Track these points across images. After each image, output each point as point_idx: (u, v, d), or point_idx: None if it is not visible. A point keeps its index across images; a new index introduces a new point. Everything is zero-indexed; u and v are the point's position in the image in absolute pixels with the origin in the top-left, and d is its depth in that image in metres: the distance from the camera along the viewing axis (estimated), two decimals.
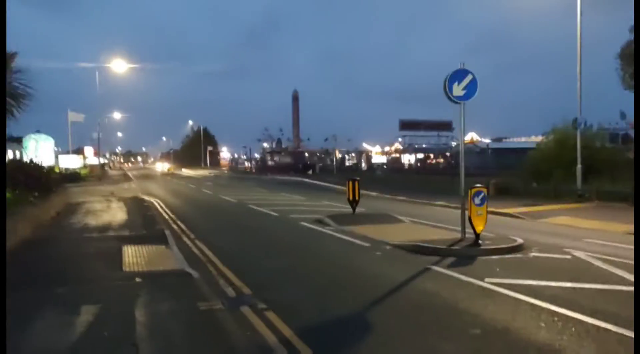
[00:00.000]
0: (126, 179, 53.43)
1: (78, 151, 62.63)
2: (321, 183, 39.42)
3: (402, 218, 15.52)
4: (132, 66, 45.90)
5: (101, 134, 63.47)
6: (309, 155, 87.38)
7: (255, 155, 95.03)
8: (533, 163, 26.08)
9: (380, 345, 5.39)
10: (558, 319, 5.98)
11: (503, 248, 10.20)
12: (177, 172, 78.85)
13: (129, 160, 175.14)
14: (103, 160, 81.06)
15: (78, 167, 53.09)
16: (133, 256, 10.31)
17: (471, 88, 10.87)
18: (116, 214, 18.53)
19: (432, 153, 71.38)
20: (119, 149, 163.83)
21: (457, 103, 10.96)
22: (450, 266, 8.99)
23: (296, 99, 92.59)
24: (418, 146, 69.59)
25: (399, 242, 11.12)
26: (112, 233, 13.73)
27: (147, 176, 60.53)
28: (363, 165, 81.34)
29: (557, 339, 5.34)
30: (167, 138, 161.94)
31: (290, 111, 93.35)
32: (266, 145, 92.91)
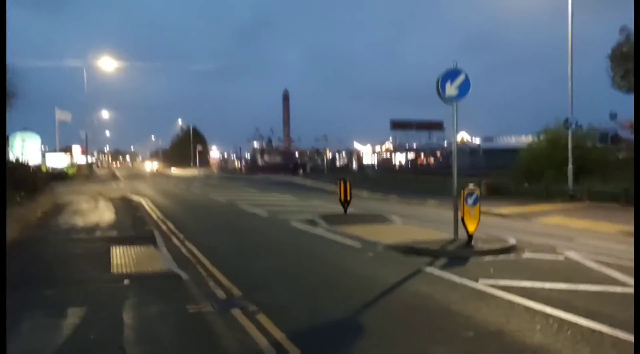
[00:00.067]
0: (114, 178, 53.14)
1: (65, 150, 62.00)
2: (312, 183, 39.32)
3: (394, 218, 15.46)
4: (120, 64, 45.57)
5: (89, 133, 63.02)
6: (300, 155, 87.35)
7: (245, 154, 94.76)
8: (524, 163, 26.16)
9: (372, 347, 5.31)
10: (553, 321, 5.91)
11: (496, 249, 10.15)
12: (166, 171, 78.44)
13: (117, 159, 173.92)
14: (91, 159, 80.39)
15: (65, 166, 52.63)
16: (121, 257, 10.17)
17: (464, 87, 10.80)
18: (104, 214, 18.32)
19: (423, 153, 71.57)
20: (107, 148, 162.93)
21: (450, 103, 10.89)
22: (443, 267, 8.92)
23: (287, 99, 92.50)
24: (409, 146, 69.80)
25: (391, 243, 11.03)
26: (100, 234, 13.56)
27: (136, 176, 60.14)
28: (354, 165, 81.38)
29: (553, 342, 5.27)
30: (156, 137, 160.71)
31: (280, 111, 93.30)
32: (256, 144, 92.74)
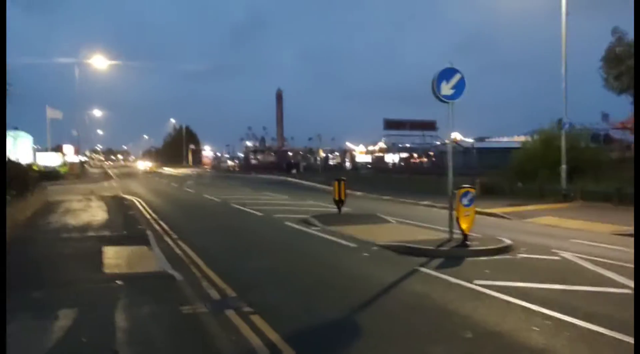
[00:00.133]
0: (107, 177, 52.85)
1: (57, 149, 61.56)
2: (305, 182, 39.26)
3: (389, 218, 15.40)
4: (113, 63, 45.16)
5: (81, 132, 62.66)
6: (293, 154, 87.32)
7: (238, 154, 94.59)
8: (518, 163, 26.25)
9: (370, 348, 5.25)
10: (550, 322, 5.86)
11: (491, 249, 10.11)
12: (159, 170, 78.09)
13: (110, 158, 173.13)
14: (83, 158, 79.90)
15: (57, 165, 52.17)
16: (113, 258, 10.04)
17: (459, 87, 10.77)
18: (96, 213, 18.15)
19: (416, 153, 71.68)
20: (99, 147, 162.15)
21: (445, 102, 10.83)
22: (438, 268, 8.87)
23: (280, 98, 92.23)
24: (402, 146, 69.88)
25: (386, 242, 10.97)
26: (92, 233, 13.41)
27: (128, 175, 59.87)
28: (347, 164, 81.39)
29: (551, 343, 5.22)
30: (149, 136, 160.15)
31: (274, 110, 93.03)
32: (249, 144, 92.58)
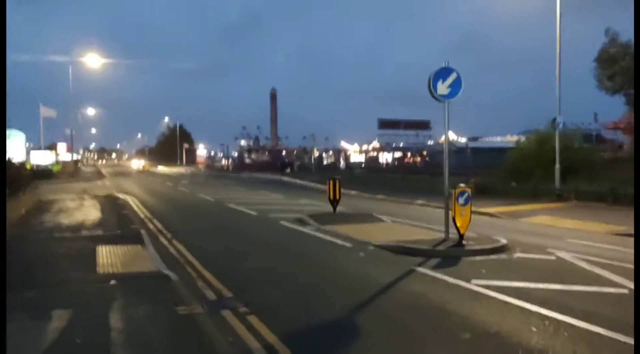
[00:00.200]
0: (100, 176, 52.61)
1: (50, 147, 61.20)
2: (300, 182, 39.20)
3: (384, 218, 15.37)
4: (107, 61, 45.00)
5: (74, 130, 62.20)
6: (287, 153, 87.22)
7: (232, 153, 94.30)
8: (512, 163, 26.30)
9: (368, 349, 5.22)
10: (549, 323, 5.84)
11: (487, 249, 10.09)
12: (153, 169, 77.77)
13: (103, 157, 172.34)
14: (76, 156, 79.43)
15: (50, 163, 51.87)
16: (107, 257, 9.94)
17: (455, 86, 10.73)
18: (90, 212, 18.02)
19: (410, 152, 71.83)
20: (93, 146, 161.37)
21: (441, 101, 10.80)
22: (435, 268, 8.84)
23: (274, 97, 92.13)
24: (396, 145, 70.00)
25: (382, 242, 10.93)
26: (86, 233, 13.29)
27: (122, 173, 59.62)
28: (342, 163, 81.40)
29: (550, 344, 5.19)
30: (143, 135, 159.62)
31: (268, 109, 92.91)
32: (244, 143, 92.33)
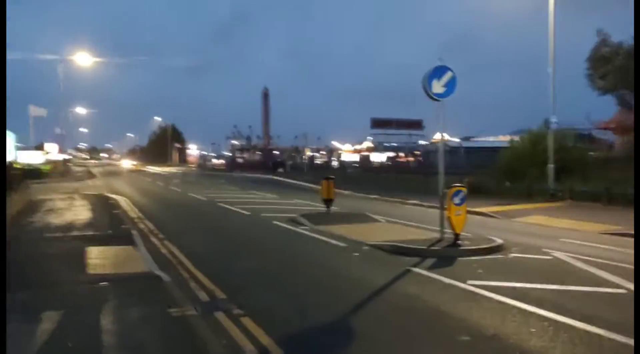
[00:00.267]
0: (90, 175, 52.25)
1: (40, 147, 60.67)
2: (292, 181, 39.12)
3: (378, 217, 15.31)
4: (97, 60, 44.62)
5: (65, 130, 61.77)
6: (279, 153, 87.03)
7: (224, 152, 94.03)
8: (506, 162, 26.33)
9: (363, 352, 5.14)
10: (548, 324, 5.77)
11: (483, 249, 10.04)
12: (144, 169, 77.32)
13: (94, 156, 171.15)
14: (67, 156, 78.82)
15: (40, 163, 51.40)
16: (98, 258, 9.78)
17: (451, 85, 10.69)
18: (80, 212, 17.80)
19: (403, 152, 71.91)
20: (83, 145, 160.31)
21: (436, 100, 10.74)
22: (431, 268, 8.77)
23: (266, 97, 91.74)
24: (389, 145, 70.04)
25: (377, 242, 10.85)
26: (76, 233, 13.10)
27: (113, 173, 59.24)
28: (334, 163, 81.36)
29: (549, 345, 5.13)
30: (134, 134, 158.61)
31: (260, 109, 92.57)
32: (235, 142, 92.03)
